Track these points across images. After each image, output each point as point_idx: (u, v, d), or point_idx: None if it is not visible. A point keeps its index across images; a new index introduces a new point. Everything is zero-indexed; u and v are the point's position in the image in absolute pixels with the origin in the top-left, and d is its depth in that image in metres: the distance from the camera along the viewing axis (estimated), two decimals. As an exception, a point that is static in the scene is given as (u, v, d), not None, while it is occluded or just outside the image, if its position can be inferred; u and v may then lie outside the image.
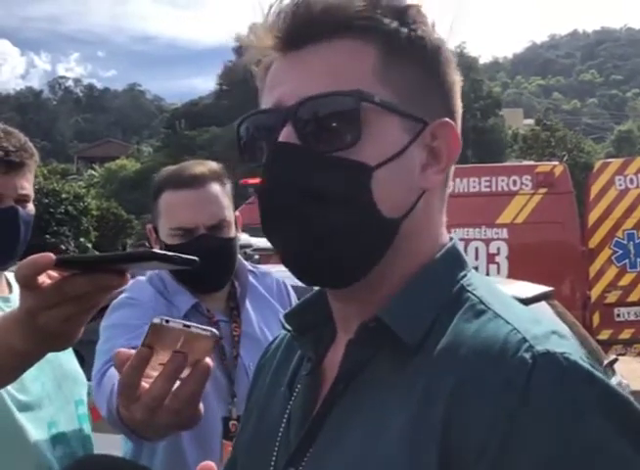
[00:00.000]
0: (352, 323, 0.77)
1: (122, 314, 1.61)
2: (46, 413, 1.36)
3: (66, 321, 0.82)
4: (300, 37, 0.76)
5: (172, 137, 39.36)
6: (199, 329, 0.82)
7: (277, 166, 0.74)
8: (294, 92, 0.75)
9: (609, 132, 61.21)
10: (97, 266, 0.80)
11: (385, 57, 0.75)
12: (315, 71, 0.75)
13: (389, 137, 0.74)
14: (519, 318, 0.71)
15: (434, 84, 0.78)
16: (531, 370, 0.65)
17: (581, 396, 0.65)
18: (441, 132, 0.77)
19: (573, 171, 10.56)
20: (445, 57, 0.79)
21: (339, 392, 0.76)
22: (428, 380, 0.69)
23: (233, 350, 1.70)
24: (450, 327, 0.72)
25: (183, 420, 0.89)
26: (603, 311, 7.45)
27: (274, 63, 0.79)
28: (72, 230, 20.44)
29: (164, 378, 0.83)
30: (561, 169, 7.61)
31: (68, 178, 29.21)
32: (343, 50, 0.75)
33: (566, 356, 0.66)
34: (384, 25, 0.75)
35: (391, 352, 0.73)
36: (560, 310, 4.34)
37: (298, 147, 0.74)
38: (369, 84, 0.74)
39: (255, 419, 0.88)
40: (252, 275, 1.82)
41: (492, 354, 0.67)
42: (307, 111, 0.74)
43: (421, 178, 0.76)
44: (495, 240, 7.51)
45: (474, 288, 0.76)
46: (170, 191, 1.68)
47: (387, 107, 0.74)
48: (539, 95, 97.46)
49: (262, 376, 0.93)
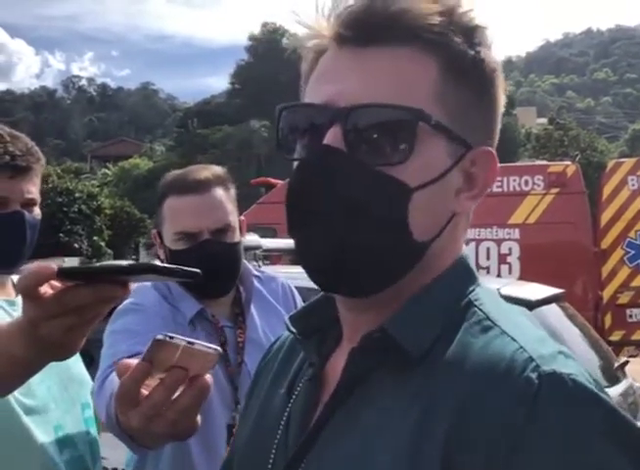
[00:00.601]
0: (360, 332, 0.76)
1: (127, 320, 1.61)
2: (52, 417, 1.37)
3: (67, 332, 0.82)
4: (368, 34, 0.72)
5: (185, 136, 39.43)
6: (202, 346, 0.82)
7: (315, 170, 0.72)
8: (348, 93, 0.72)
9: (623, 131, 60.72)
10: (99, 277, 0.80)
11: (445, 75, 0.73)
12: (376, 77, 0.72)
13: (435, 159, 0.73)
14: (525, 337, 0.70)
15: (484, 108, 0.77)
16: (537, 391, 0.64)
17: (587, 418, 0.64)
18: (481, 160, 0.76)
19: (587, 171, 10.50)
20: (498, 80, 0.77)
21: (340, 399, 0.75)
22: (431, 394, 0.69)
23: (237, 356, 1.69)
24: (455, 341, 0.71)
25: (179, 431, 0.89)
26: (615, 312, 7.40)
27: (329, 51, 0.76)
28: (86, 229, 20.55)
29: (163, 389, 0.83)
30: (573, 169, 7.55)
31: (82, 177, 29.38)
32: (407, 60, 0.73)
33: (572, 378, 0.66)
34: (453, 43, 0.73)
35: (395, 363, 0.73)
36: (570, 313, 4.31)
37: (343, 154, 0.71)
38: (428, 103, 0.72)
39: (253, 421, 0.88)
40: (258, 280, 1.81)
41: (498, 373, 0.67)
42: (361, 117, 0.71)
43: (454, 202, 0.76)
44: (507, 240, 7.47)
45: (481, 303, 0.75)
46: (174, 196, 1.69)
47: (439, 129, 0.72)
48: (553, 94, 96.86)
49: (263, 377, 0.93)
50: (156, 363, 0.82)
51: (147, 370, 0.82)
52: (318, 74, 0.76)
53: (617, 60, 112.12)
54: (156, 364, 0.82)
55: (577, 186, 7.48)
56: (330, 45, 0.76)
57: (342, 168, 0.71)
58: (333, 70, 0.75)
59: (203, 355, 0.82)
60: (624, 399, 3.70)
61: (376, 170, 0.71)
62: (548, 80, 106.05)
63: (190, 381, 0.84)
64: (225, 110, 44.25)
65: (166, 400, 0.84)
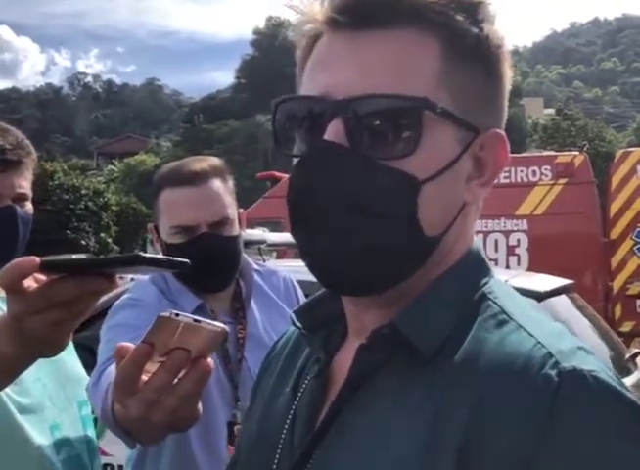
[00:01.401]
0: (367, 327, 0.73)
1: (125, 315, 1.58)
2: (48, 415, 1.34)
3: (53, 327, 0.79)
4: (363, 17, 0.68)
5: (191, 131, 39.56)
6: (208, 324, 0.79)
7: (318, 167, 0.68)
8: (347, 84, 0.68)
9: (631, 120, 60.49)
10: (84, 270, 0.77)
11: (448, 56, 0.69)
12: (375, 64, 0.68)
13: (443, 148, 0.69)
14: (543, 331, 0.67)
15: (490, 88, 0.72)
16: (557, 389, 0.61)
17: (611, 418, 0.61)
18: (491, 143, 0.72)
19: (595, 161, 10.45)
20: (504, 58, 0.73)
21: (347, 398, 0.72)
22: (444, 393, 0.65)
23: (237, 353, 1.66)
24: (469, 337, 0.68)
25: (178, 420, 0.86)
26: (625, 303, 7.36)
27: (324, 36, 0.71)
28: (93, 226, 20.62)
29: (165, 371, 0.80)
30: (581, 159, 7.51)
31: (88, 174, 29.48)
32: (406, 43, 0.68)
33: (594, 375, 0.62)
34: (455, 22, 0.69)
35: (405, 360, 0.69)
36: (580, 304, 4.28)
37: (346, 150, 0.67)
38: (433, 89, 0.68)
39: (258, 420, 0.85)
40: (258, 274, 1.77)
41: (515, 370, 0.63)
42: (362, 109, 0.67)
43: (465, 190, 0.72)
44: (515, 232, 7.44)
45: (495, 296, 0.72)
46: (170, 189, 1.64)
47: (446, 116, 0.68)
48: (560, 84, 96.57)
49: (267, 375, 0.90)
50: (157, 344, 0.79)
51: (148, 352, 0.79)
52: (313, 63, 0.72)
53: (625, 49, 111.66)
54: (157, 346, 0.79)
55: (586, 176, 7.44)
56: (324, 30, 0.71)
57: (345, 165, 0.67)
58: (328, 58, 0.70)
59: (208, 333, 0.79)
60: (636, 391, 3.66)
61: (381, 165, 0.67)
62: (555, 70, 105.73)
63: (191, 364, 0.81)
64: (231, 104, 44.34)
65: (168, 385, 0.80)
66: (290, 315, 0.83)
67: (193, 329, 0.78)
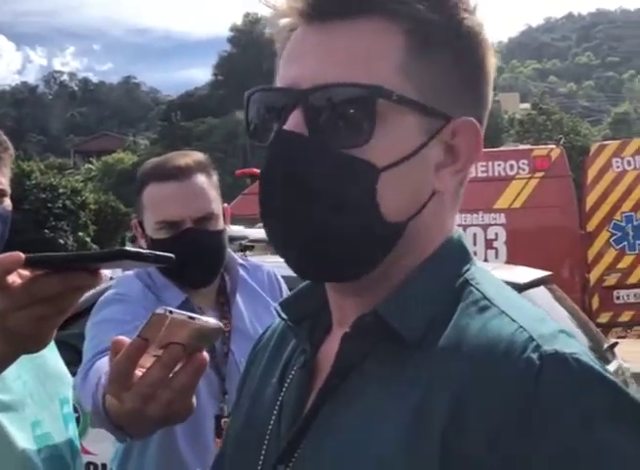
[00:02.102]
0: (350, 316, 0.74)
1: (111, 310, 1.58)
2: (29, 413, 1.32)
3: (37, 322, 0.79)
4: (328, 8, 0.70)
5: (169, 129, 39.31)
6: (203, 321, 0.79)
7: (279, 156, 0.70)
8: (310, 74, 0.69)
9: (605, 114, 61.12)
10: (68, 266, 0.77)
11: (413, 45, 0.70)
12: (337, 55, 0.69)
13: (404, 137, 0.69)
14: (524, 316, 0.68)
15: (465, 76, 0.72)
16: (539, 372, 0.62)
17: (593, 400, 0.62)
18: (463, 131, 0.72)
19: (571, 155, 10.52)
20: (484, 45, 0.73)
21: (333, 386, 0.73)
22: (429, 379, 0.66)
23: (223, 346, 1.66)
24: (452, 322, 0.68)
25: (173, 413, 0.87)
26: (602, 294, 7.45)
27: (298, 28, 0.73)
28: (71, 225, 20.46)
29: (161, 365, 0.80)
30: (557, 153, 7.58)
31: (66, 173, 29.19)
32: (370, 33, 0.69)
33: (576, 357, 0.63)
34: (416, 11, 0.69)
35: (389, 348, 0.70)
36: (559, 295, 4.32)
37: (304, 138, 0.69)
38: (391, 77, 0.69)
39: (245, 412, 0.86)
40: (243, 269, 1.77)
41: (497, 355, 0.64)
42: (320, 99, 0.69)
43: (434, 179, 0.72)
44: (493, 225, 7.49)
45: (477, 282, 0.72)
46: (154, 184, 1.63)
47: (405, 104, 0.69)
48: (535, 79, 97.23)
49: (254, 368, 0.90)
50: (152, 340, 0.79)
51: (142, 347, 0.79)
52: (285, 55, 0.74)
53: (599, 44, 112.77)
54: (152, 341, 0.79)
55: (562, 170, 7.51)
56: (298, 22, 0.73)
57: (304, 153, 0.69)
58: (298, 50, 0.72)
59: (204, 330, 0.80)
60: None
61: (339, 152, 0.68)
62: (530, 65, 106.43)
63: (187, 358, 0.81)
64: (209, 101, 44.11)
65: (164, 379, 0.81)
66: (275, 307, 0.83)
67: (188, 326, 0.78)
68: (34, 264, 0.76)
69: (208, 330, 0.80)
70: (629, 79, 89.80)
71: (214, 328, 0.80)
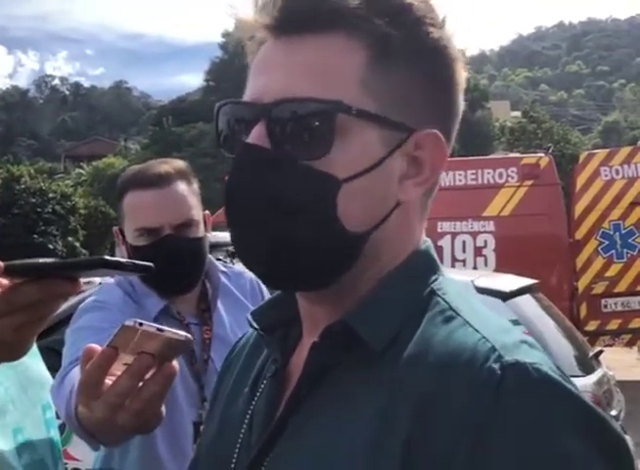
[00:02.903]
0: (320, 325, 0.74)
1: (90, 317, 1.58)
2: (11, 419, 1.32)
3: (17, 331, 0.79)
4: (293, 24, 0.72)
5: (160, 134, 39.20)
6: (172, 333, 0.80)
7: (241, 169, 0.72)
8: (272, 88, 0.71)
9: (595, 123, 61.46)
10: (48, 274, 0.77)
11: (374, 59, 0.71)
12: (298, 69, 0.71)
13: (365, 149, 0.71)
14: (488, 326, 0.69)
15: (430, 89, 0.73)
16: (500, 382, 0.63)
17: (551, 409, 0.62)
18: (427, 143, 0.73)
19: (561, 163, 10.58)
20: (450, 58, 0.74)
21: (301, 396, 0.73)
22: (394, 389, 0.67)
23: (203, 353, 1.66)
24: (418, 333, 0.69)
25: (142, 422, 0.87)
26: (590, 302, 7.48)
27: (267, 41, 0.74)
28: (60, 229, 20.36)
29: (130, 375, 0.81)
30: (546, 161, 7.62)
31: (56, 177, 29.08)
32: (332, 48, 0.71)
33: (536, 367, 0.64)
34: (376, 27, 0.70)
35: (357, 357, 0.71)
36: (545, 303, 4.35)
37: (265, 150, 0.70)
38: (351, 91, 0.70)
39: (217, 421, 0.86)
40: (225, 276, 1.78)
41: (460, 365, 0.65)
42: (282, 113, 0.70)
43: (398, 190, 0.73)
44: (482, 233, 7.53)
45: (444, 292, 0.73)
46: (134, 191, 1.64)
47: (365, 118, 0.70)
48: (526, 87, 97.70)
49: (227, 376, 0.90)
50: (122, 350, 0.80)
51: (112, 356, 0.80)
52: (252, 68, 0.75)
53: (590, 52, 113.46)
54: (122, 351, 0.80)
55: (551, 178, 7.55)
56: (267, 36, 0.74)
57: (265, 166, 0.70)
58: (263, 64, 0.74)
59: (172, 342, 0.80)
60: (599, 388, 3.73)
61: (300, 164, 0.70)
62: (521, 74, 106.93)
63: (156, 368, 0.82)
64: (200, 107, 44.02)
65: (133, 389, 0.81)
66: (247, 316, 0.84)
67: (156, 338, 0.79)
68: (13, 273, 0.76)
69: (177, 342, 0.81)
70: (619, 88, 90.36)
71: (183, 340, 0.81)
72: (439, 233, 7.21)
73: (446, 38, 0.74)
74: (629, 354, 8.30)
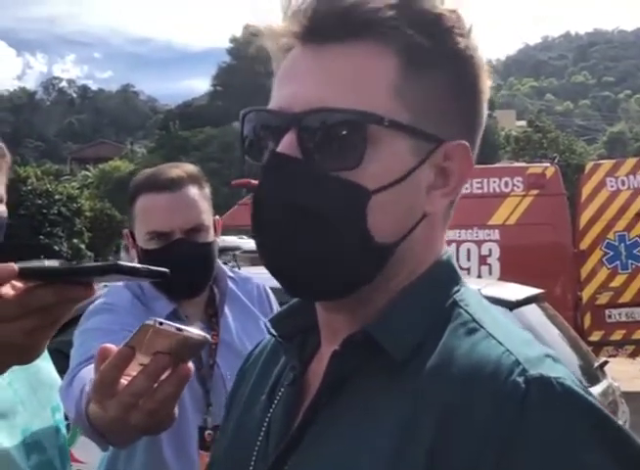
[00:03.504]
0: (339, 334, 0.74)
1: (99, 319, 1.59)
2: (20, 420, 1.33)
3: (30, 334, 0.78)
4: (323, 32, 0.71)
5: (166, 138, 39.26)
6: (190, 332, 0.80)
7: (271, 178, 0.71)
8: (303, 98, 0.70)
9: (601, 133, 61.38)
10: (62, 278, 0.77)
11: (406, 69, 0.71)
12: (330, 78, 0.70)
13: (396, 160, 0.70)
14: (511, 339, 0.69)
15: (458, 99, 0.73)
16: (524, 396, 0.63)
17: (576, 424, 0.63)
18: (455, 154, 0.73)
19: (566, 173, 10.56)
20: (477, 67, 0.74)
21: (320, 405, 0.73)
22: (416, 400, 0.67)
23: (209, 358, 1.67)
24: (440, 344, 0.69)
25: (155, 423, 0.87)
26: (594, 313, 7.46)
27: (294, 49, 0.74)
28: (66, 231, 20.40)
29: (146, 376, 0.81)
30: (552, 171, 7.61)
31: (62, 179, 29.14)
32: (363, 56, 0.70)
33: (560, 382, 0.64)
34: (406, 36, 0.70)
35: (378, 367, 0.70)
36: (550, 313, 4.34)
37: (296, 160, 0.70)
38: (383, 102, 0.70)
39: (234, 428, 0.86)
40: (232, 281, 1.78)
41: (484, 378, 0.65)
42: (313, 122, 0.70)
43: (425, 201, 0.72)
44: (487, 241, 7.51)
45: (466, 304, 0.73)
46: (146, 194, 1.65)
47: (397, 128, 0.70)
48: (532, 97, 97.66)
49: (244, 383, 0.90)
50: (139, 349, 0.80)
51: (129, 356, 0.80)
52: (280, 75, 0.75)
53: (596, 63, 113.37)
54: (139, 350, 0.80)
55: (557, 188, 7.54)
56: (294, 43, 0.74)
57: (296, 175, 0.70)
58: (292, 72, 0.73)
59: (190, 342, 0.80)
60: (604, 399, 3.72)
61: (330, 175, 0.69)
62: (527, 83, 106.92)
63: (172, 368, 0.82)
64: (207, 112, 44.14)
65: (148, 389, 0.82)
66: (265, 323, 0.84)
67: (175, 337, 0.79)
68: (27, 276, 0.76)
69: (195, 341, 0.81)
70: (625, 99, 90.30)
71: (201, 340, 0.81)
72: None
73: (473, 48, 0.74)
74: (633, 365, 8.27)
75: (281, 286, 0.74)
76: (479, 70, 0.74)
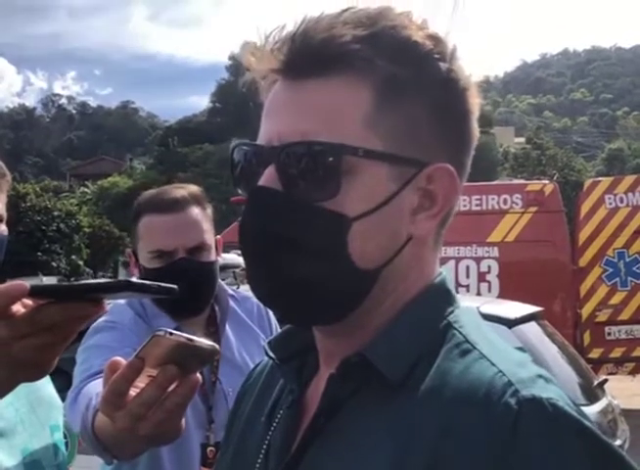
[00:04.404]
0: (336, 357, 0.75)
1: (102, 337, 1.60)
2: (20, 440, 1.32)
3: (40, 351, 0.79)
4: (299, 67, 0.73)
5: (165, 154, 39.41)
6: (200, 342, 0.81)
7: (253, 210, 0.74)
8: (282, 132, 0.73)
9: (599, 150, 61.61)
10: (72, 295, 0.77)
11: (380, 98, 0.72)
12: (305, 113, 0.72)
13: (375, 187, 0.72)
14: (505, 360, 0.70)
15: (442, 122, 0.73)
16: (517, 417, 0.63)
17: (568, 445, 0.63)
18: (439, 176, 0.73)
19: (564, 190, 10.62)
20: (460, 89, 0.74)
21: (318, 427, 0.74)
22: (411, 422, 0.68)
23: (211, 375, 1.68)
24: (435, 366, 0.70)
25: (163, 434, 0.88)
26: (594, 330, 7.46)
27: (277, 83, 0.76)
28: (64, 247, 20.44)
29: (155, 386, 0.82)
30: (551, 188, 7.65)
31: (61, 196, 29.23)
32: (337, 90, 0.72)
33: (552, 402, 0.64)
34: (380, 67, 0.71)
35: (374, 389, 0.71)
36: (549, 331, 4.33)
37: (276, 193, 0.72)
38: (357, 131, 0.71)
39: (234, 448, 0.86)
40: (233, 300, 1.80)
41: (477, 400, 0.65)
42: (290, 156, 0.72)
43: (409, 224, 0.73)
44: (486, 258, 7.53)
45: (460, 325, 0.74)
46: (150, 214, 1.68)
47: (373, 157, 0.71)
48: (530, 113, 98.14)
49: (244, 403, 0.91)
50: (148, 360, 0.81)
51: (139, 368, 0.81)
52: (264, 110, 0.77)
53: (594, 80, 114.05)
54: (148, 361, 0.81)
55: (555, 205, 7.57)
56: (278, 78, 0.76)
57: (276, 207, 0.72)
58: (273, 106, 0.76)
59: (201, 351, 0.81)
60: (604, 417, 3.71)
61: (310, 205, 0.71)
62: (526, 100, 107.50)
63: (180, 379, 0.82)
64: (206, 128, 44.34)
65: (157, 399, 0.82)
66: (263, 346, 0.85)
67: (186, 347, 0.79)
68: (38, 294, 0.76)
69: (205, 351, 0.82)
70: (623, 116, 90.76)
71: (211, 349, 0.82)
72: (443, 258, 7.13)
73: (456, 69, 0.74)
74: (632, 383, 8.25)
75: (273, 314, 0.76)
76: (462, 91, 0.74)
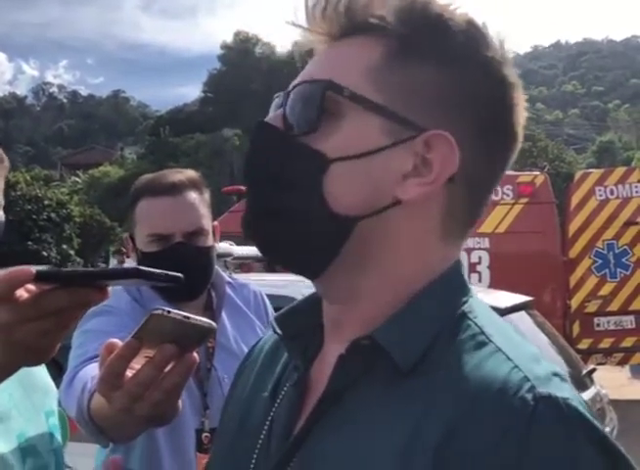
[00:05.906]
0: (344, 332, 0.75)
1: (98, 321, 1.60)
2: (15, 425, 1.33)
3: (42, 336, 0.80)
4: (334, 30, 0.77)
5: (157, 144, 39.19)
6: (197, 320, 0.81)
7: (251, 143, 0.78)
8: (299, 80, 0.77)
9: (590, 143, 61.73)
10: (77, 282, 0.78)
11: (393, 57, 0.73)
12: (321, 62, 0.77)
13: (362, 135, 0.72)
14: (520, 355, 0.69)
15: (446, 92, 0.73)
16: (532, 414, 0.63)
17: (580, 447, 0.64)
18: (437, 144, 0.72)
19: (555, 181, 10.63)
20: (476, 62, 0.74)
21: (326, 407, 0.73)
22: (422, 408, 0.67)
23: (207, 362, 1.69)
24: (449, 355, 0.69)
25: (160, 414, 0.88)
26: (583, 321, 7.50)
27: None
28: (55, 237, 20.34)
29: (152, 366, 0.82)
30: (542, 180, 7.66)
31: (52, 185, 29.04)
32: (353, 46, 0.75)
33: (567, 403, 0.65)
34: (396, 28, 0.73)
35: (384, 373, 0.70)
36: (539, 320, 4.36)
37: (271, 127, 0.76)
38: (354, 80, 0.73)
39: (234, 425, 0.86)
40: (230, 286, 1.80)
41: (492, 392, 0.65)
42: (290, 96, 0.76)
43: (396, 185, 0.72)
44: (477, 249, 7.54)
45: (475, 316, 0.73)
46: (148, 198, 1.68)
47: (360, 102, 0.72)
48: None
49: (243, 381, 0.90)
50: (146, 340, 0.81)
51: (136, 348, 0.81)
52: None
53: (585, 73, 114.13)
54: (145, 341, 0.81)
55: (546, 196, 7.59)
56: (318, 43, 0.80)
57: (265, 142, 0.76)
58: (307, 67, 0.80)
59: (198, 329, 0.82)
60: (592, 406, 3.75)
61: (295, 141, 0.74)
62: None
63: (177, 358, 0.83)
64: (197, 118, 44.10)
65: (154, 379, 0.83)
66: (270, 322, 0.85)
67: (183, 325, 0.80)
68: (44, 279, 0.77)
69: (202, 329, 0.82)
70: (614, 109, 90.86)
71: (208, 327, 0.82)
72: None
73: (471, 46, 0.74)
74: (621, 373, 8.32)
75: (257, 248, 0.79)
76: (477, 63, 0.74)
